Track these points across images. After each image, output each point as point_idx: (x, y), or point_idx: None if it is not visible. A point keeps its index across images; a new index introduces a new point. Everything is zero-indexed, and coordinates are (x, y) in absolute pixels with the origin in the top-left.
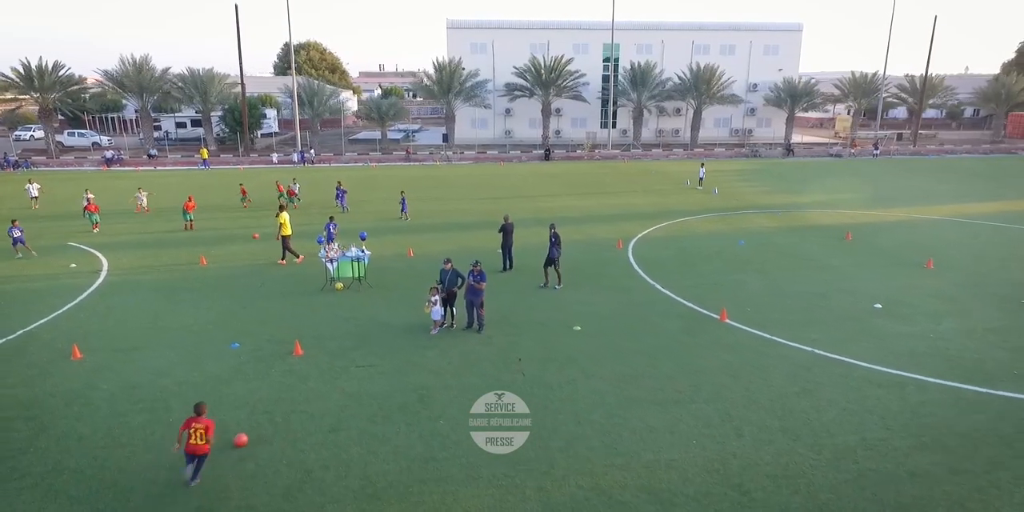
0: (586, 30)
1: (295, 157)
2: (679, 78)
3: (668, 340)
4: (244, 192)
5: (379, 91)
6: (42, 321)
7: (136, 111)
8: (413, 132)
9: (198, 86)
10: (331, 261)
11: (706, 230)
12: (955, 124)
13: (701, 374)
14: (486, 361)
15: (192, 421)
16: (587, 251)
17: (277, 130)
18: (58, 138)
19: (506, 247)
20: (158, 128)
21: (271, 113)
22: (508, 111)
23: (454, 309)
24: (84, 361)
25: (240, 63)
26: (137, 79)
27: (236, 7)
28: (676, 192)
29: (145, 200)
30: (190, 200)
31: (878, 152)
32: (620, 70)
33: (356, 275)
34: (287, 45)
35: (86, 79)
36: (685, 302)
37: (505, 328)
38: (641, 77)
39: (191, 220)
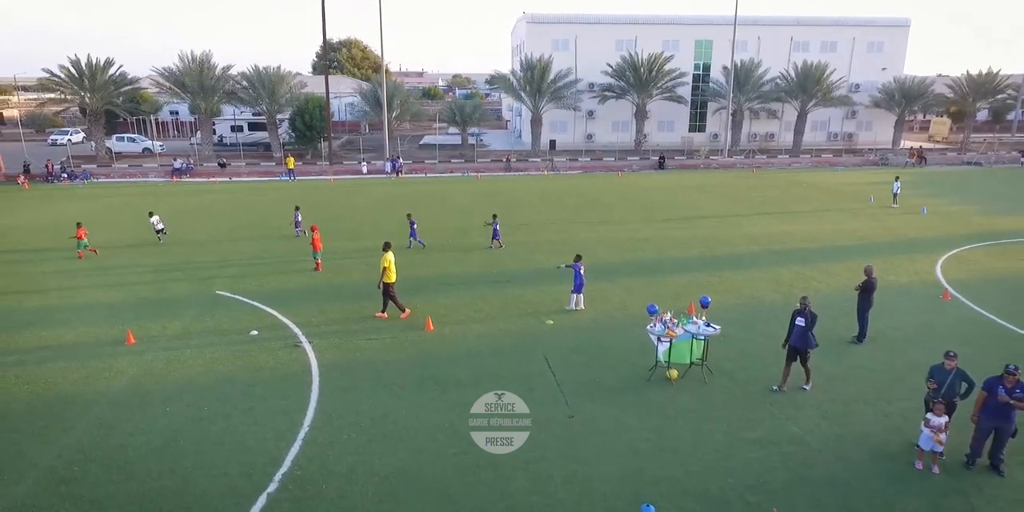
0: (677, 25)
1: (387, 167)
2: (783, 77)
3: None
4: None
5: None
6: (294, 450)
7: (172, 113)
8: (480, 136)
9: (265, 86)
10: (663, 341)
11: (1010, 269)
12: (999, 127)
13: None
14: None
15: None
16: (917, 307)
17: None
18: (106, 144)
19: (863, 311)
20: (213, 132)
21: None
22: (591, 113)
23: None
24: None
25: (326, 60)
26: (199, 78)
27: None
28: (877, 212)
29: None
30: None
31: None
32: (720, 68)
33: (693, 359)
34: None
35: (139, 79)
36: None
37: None
38: (744, 76)
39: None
